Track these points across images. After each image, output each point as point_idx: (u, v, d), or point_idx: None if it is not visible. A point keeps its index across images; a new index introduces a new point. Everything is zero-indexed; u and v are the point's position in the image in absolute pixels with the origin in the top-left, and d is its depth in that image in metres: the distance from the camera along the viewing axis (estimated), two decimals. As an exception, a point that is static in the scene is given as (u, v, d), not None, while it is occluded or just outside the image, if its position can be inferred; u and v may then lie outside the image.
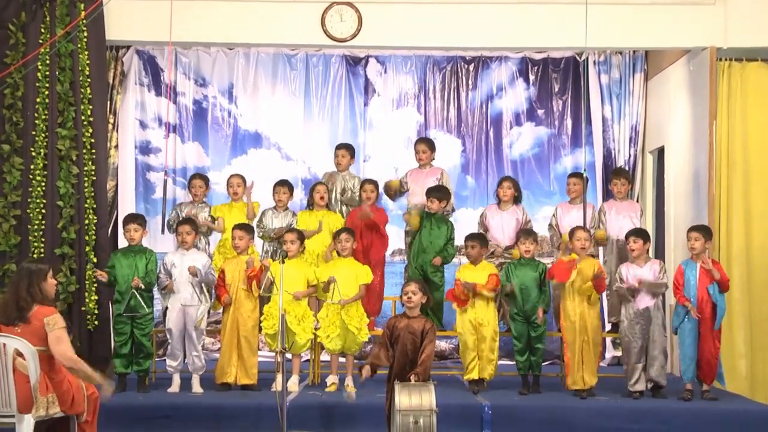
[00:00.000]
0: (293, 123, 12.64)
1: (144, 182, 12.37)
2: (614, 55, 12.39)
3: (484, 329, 9.40)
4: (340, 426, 8.49)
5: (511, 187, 10.57)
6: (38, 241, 9.89)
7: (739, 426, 8.62)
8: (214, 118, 12.59)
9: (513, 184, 10.63)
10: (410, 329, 7.69)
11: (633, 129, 12.26)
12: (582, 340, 9.32)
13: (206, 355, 10.00)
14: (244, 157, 12.55)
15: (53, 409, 6.69)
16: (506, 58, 12.65)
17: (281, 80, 12.64)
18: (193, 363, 9.42)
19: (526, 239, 9.62)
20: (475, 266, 9.60)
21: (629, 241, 9.42)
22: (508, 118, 12.69)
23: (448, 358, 11.95)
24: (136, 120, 12.31)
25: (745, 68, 10.62)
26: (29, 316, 6.67)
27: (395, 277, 11.55)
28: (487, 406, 8.64)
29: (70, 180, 10.00)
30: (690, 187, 10.83)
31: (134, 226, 9.55)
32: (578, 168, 11.78)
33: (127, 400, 8.97)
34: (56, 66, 10.03)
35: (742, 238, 10.49)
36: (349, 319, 9.42)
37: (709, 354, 9.16)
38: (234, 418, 8.56)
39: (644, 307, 9.27)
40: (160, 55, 12.33)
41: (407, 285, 7.94)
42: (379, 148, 12.61)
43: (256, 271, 9.37)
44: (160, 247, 10.55)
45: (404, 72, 12.74)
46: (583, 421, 8.64)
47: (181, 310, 9.41)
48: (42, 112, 9.98)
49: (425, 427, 7.12)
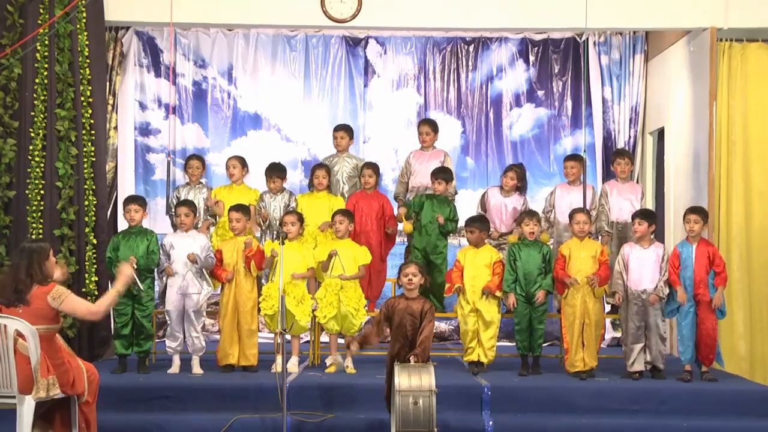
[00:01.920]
0: (293, 104, 12.62)
1: (144, 163, 12.38)
2: (614, 35, 12.38)
3: (485, 315, 9.41)
4: (339, 407, 8.49)
5: (514, 178, 10.55)
6: (37, 222, 9.88)
7: (739, 406, 8.63)
8: (214, 99, 12.57)
9: (516, 174, 10.59)
10: (409, 310, 7.70)
11: (633, 110, 12.26)
12: (582, 323, 9.33)
13: (206, 336, 10.00)
14: (243, 139, 12.55)
15: (53, 390, 6.72)
16: (506, 39, 12.63)
17: (281, 61, 12.62)
18: (193, 344, 9.42)
19: (530, 220, 9.59)
20: (477, 249, 9.60)
21: (634, 222, 9.40)
22: (508, 99, 12.68)
23: (448, 340, 11.97)
24: (135, 101, 12.30)
25: (745, 49, 10.60)
26: (28, 298, 6.69)
27: (395, 259, 11.55)
28: (486, 387, 8.65)
29: (69, 161, 9.98)
30: (690, 168, 10.82)
31: (135, 206, 9.54)
32: (578, 149, 11.79)
33: (128, 381, 8.99)
34: (55, 47, 10.00)
35: (741, 219, 10.49)
36: (348, 300, 9.42)
37: (707, 335, 9.17)
38: (234, 399, 8.56)
39: (642, 289, 9.28)
40: (160, 36, 12.31)
41: (407, 267, 7.94)
42: (379, 129, 12.60)
43: (255, 252, 9.37)
44: (159, 228, 10.54)
45: (404, 53, 12.72)
46: (582, 402, 8.65)
47: (179, 290, 9.41)
48: (41, 93, 9.96)
49: (425, 407, 7.14)
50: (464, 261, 9.51)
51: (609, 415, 8.53)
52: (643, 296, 9.27)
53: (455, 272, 9.53)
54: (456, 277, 9.51)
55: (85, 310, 6.95)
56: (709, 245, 9.38)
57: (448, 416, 8.09)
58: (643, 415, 8.55)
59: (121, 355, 9.43)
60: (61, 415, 6.99)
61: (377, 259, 10.28)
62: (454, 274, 9.53)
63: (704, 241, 9.39)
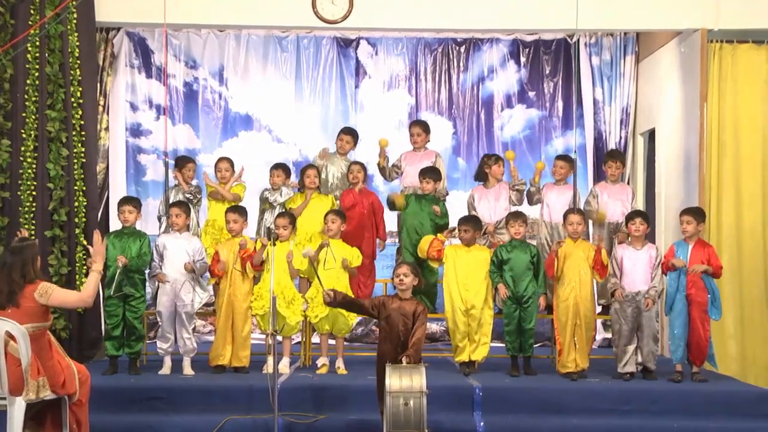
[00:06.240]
0: (284, 105, 12.62)
1: (135, 164, 12.37)
2: (605, 37, 12.40)
3: (475, 312, 9.41)
4: (331, 407, 8.49)
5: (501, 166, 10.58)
6: (29, 223, 9.85)
7: (730, 407, 8.64)
8: (205, 100, 12.57)
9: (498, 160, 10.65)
10: (402, 311, 7.71)
11: (624, 111, 12.27)
12: (574, 324, 9.35)
13: (197, 337, 9.99)
14: (234, 140, 12.55)
15: (44, 392, 6.70)
16: (497, 40, 12.64)
17: (272, 62, 12.62)
18: (184, 345, 9.42)
19: (515, 221, 9.62)
20: (468, 248, 9.60)
21: (635, 222, 9.39)
22: (500, 100, 12.69)
23: (439, 341, 11.98)
24: (126, 102, 12.29)
25: (735, 50, 10.62)
26: (19, 299, 6.67)
27: (387, 260, 11.56)
28: (478, 388, 8.66)
29: (59, 162, 9.96)
30: (680, 169, 10.84)
31: (129, 207, 9.54)
32: (569, 150, 11.80)
33: (119, 382, 8.99)
34: (46, 47, 9.98)
35: (732, 220, 10.51)
36: (338, 301, 9.42)
37: (698, 336, 9.19)
38: (225, 401, 8.56)
39: (635, 291, 9.29)
40: (151, 37, 12.30)
41: (399, 267, 7.95)
42: (370, 130, 12.54)
43: (250, 253, 9.36)
44: (150, 230, 10.53)
45: (395, 54, 12.73)
46: (573, 403, 8.66)
47: (171, 292, 9.40)
48: (32, 94, 9.94)
49: (415, 408, 7.13)
50: (454, 259, 9.55)
51: (600, 416, 8.53)
52: (637, 298, 9.28)
53: (437, 245, 9.60)
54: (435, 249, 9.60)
55: (76, 298, 6.95)
56: (707, 246, 9.39)
57: (440, 417, 8.10)
58: (634, 416, 8.56)
59: (112, 356, 9.42)
60: (53, 417, 6.97)
61: (368, 259, 10.26)
62: (436, 245, 9.61)
63: (701, 241, 9.40)
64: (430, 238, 9.72)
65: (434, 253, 9.60)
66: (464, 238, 9.62)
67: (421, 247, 9.77)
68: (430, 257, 9.67)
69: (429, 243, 9.67)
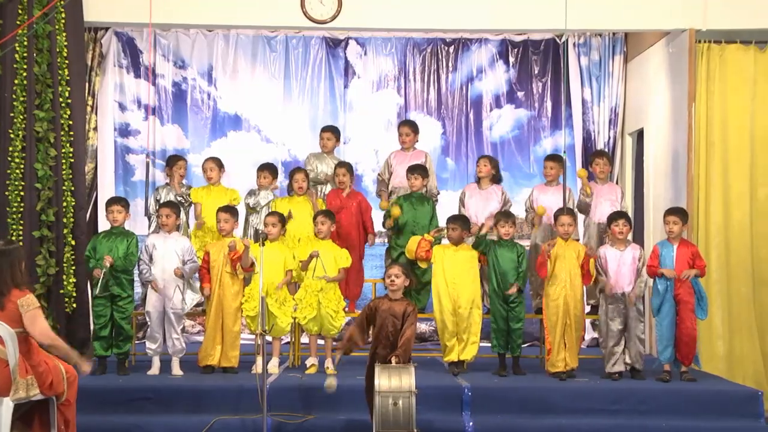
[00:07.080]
0: (273, 105, 12.59)
1: (123, 164, 12.31)
2: (594, 37, 12.40)
3: (463, 311, 9.42)
4: (320, 408, 8.49)
5: (488, 164, 10.57)
6: (17, 223, 9.84)
7: (718, 406, 8.67)
8: (194, 100, 12.53)
9: (490, 160, 10.64)
10: (392, 312, 7.72)
11: (612, 111, 12.29)
12: (564, 323, 9.36)
13: (186, 338, 9.98)
14: (223, 140, 12.51)
15: (32, 391, 6.68)
16: (486, 41, 12.64)
17: (261, 62, 12.59)
18: (173, 346, 9.40)
19: (505, 222, 9.63)
20: (456, 248, 9.61)
21: (618, 224, 9.42)
22: (488, 101, 12.68)
23: (428, 341, 11.97)
24: (115, 102, 12.24)
25: (723, 50, 10.65)
26: (5, 301, 6.64)
27: (376, 260, 11.56)
28: (467, 388, 8.66)
29: (47, 162, 9.95)
30: (669, 169, 10.86)
31: (117, 207, 9.52)
32: (558, 150, 11.82)
33: (107, 382, 8.98)
34: (34, 47, 9.96)
35: (720, 219, 10.53)
36: (327, 302, 9.42)
37: (686, 335, 9.21)
38: (214, 401, 8.55)
39: (621, 291, 9.31)
40: (139, 37, 12.26)
41: (390, 268, 7.99)
42: (359, 130, 12.59)
43: (239, 254, 9.35)
44: (138, 229, 10.50)
45: (384, 54, 12.71)
46: (562, 403, 8.68)
47: (161, 294, 9.38)
48: (20, 94, 9.93)
49: (404, 408, 7.14)
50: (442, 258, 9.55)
51: (589, 416, 8.56)
52: (622, 298, 9.30)
53: (425, 245, 9.60)
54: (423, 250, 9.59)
55: (41, 330, 6.72)
56: (690, 246, 9.43)
57: (429, 417, 8.11)
58: (623, 416, 8.58)
59: (100, 357, 9.40)
60: (40, 417, 6.95)
61: (356, 258, 10.27)
62: (424, 245, 9.60)
63: (685, 241, 9.43)
64: (417, 239, 9.73)
65: (422, 253, 9.61)
66: (452, 237, 9.63)
67: (409, 247, 9.78)
68: (418, 257, 9.68)
69: (417, 243, 9.68)
